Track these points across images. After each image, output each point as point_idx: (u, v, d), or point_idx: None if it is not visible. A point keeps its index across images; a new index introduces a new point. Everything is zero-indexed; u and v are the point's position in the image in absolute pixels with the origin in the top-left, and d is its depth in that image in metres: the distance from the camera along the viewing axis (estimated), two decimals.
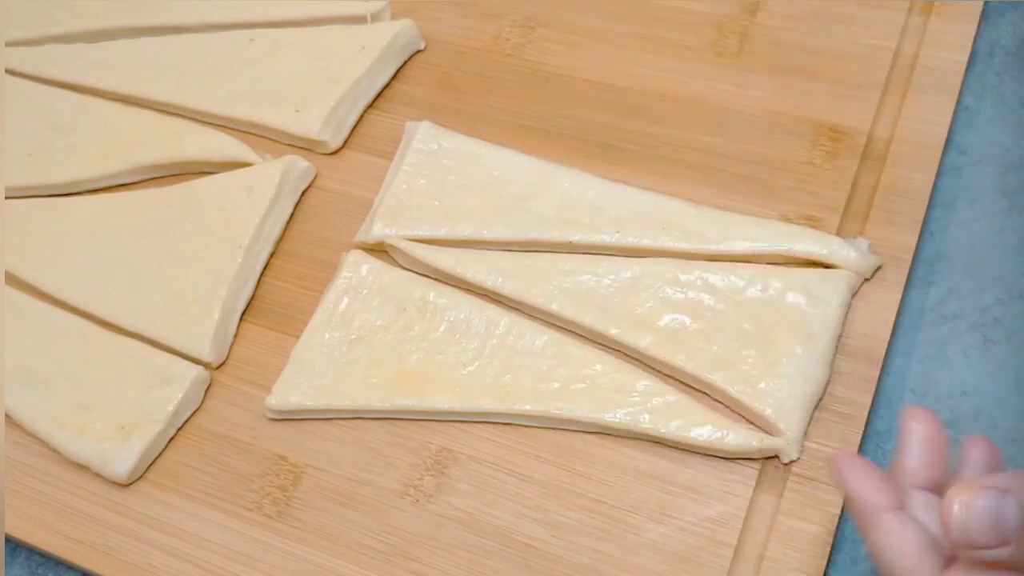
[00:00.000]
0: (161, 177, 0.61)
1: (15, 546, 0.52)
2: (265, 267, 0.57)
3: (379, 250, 0.55)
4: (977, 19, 0.57)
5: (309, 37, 0.63)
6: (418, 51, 0.63)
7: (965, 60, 0.56)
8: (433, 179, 0.56)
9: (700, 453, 0.47)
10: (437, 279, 0.54)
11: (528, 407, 0.48)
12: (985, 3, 0.58)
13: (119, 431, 0.51)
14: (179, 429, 0.52)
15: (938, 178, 0.53)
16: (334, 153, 0.60)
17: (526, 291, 0.52)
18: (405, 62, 0.63)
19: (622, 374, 0.49)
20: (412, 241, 0.54)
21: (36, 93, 0.65)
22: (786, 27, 0.59)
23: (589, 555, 0.46)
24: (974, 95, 0.57)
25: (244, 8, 0.65)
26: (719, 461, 0.47)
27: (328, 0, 0.64)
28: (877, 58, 0.57)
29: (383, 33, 0.61)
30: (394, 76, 0.62)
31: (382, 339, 0.52)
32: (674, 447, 0.47)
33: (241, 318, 0.55)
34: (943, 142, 0.54)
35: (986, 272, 0.51)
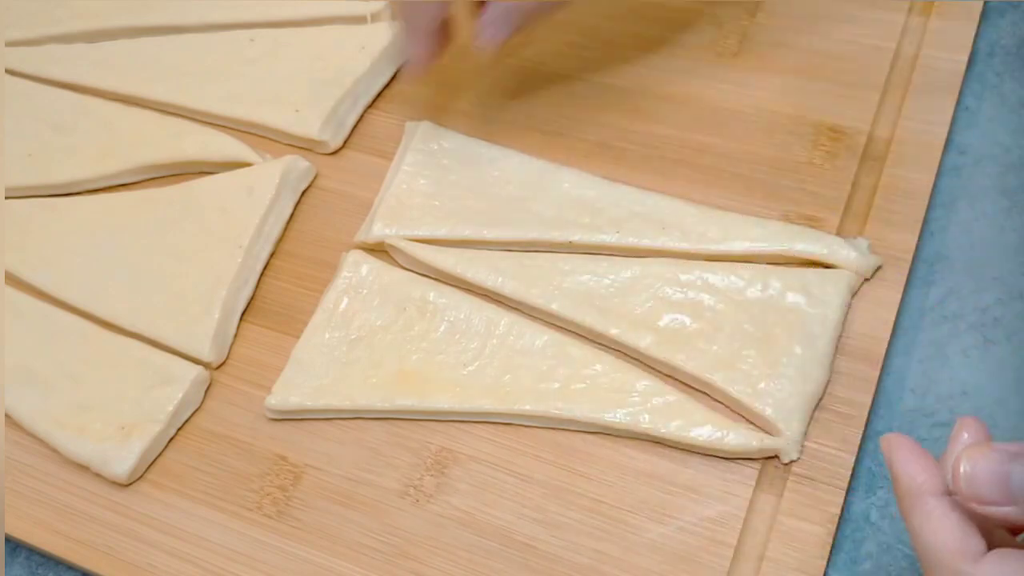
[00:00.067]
0: (161, 177, 0.61)
1: (15, 546, 0.52)
2: (265, 267, 0.57)
3: (379, 250, 0.55)
4: (977, 19, 0.57)
5: (309, 37, 0.63)
6: None
7: (965, 60, 0.56)
8: (433, 179, 0.56)
9: (700, 453, 0.47)
10: (437, 279, 0.54)
11: (528, 407, 0.48)
12: (985, 3, 0.58)
13: (119, 431, 0.51)
14: (179, 429, 0.52)
15: (938, 178, 0.53)
16: (334, 153, 0.60)
17: (526, 291, 0.52)
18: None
19: (622, 374, 0.49)
20: (412, 241, 0.54)
21: (36, 93, 0.65)
22: (786, 27, 0.59)
23: (589, 555, 0.46)
24: (974, 95, 0.57)
25: (244, 8, 0.65)
26: (719, 461, 0.47)
27: (328, 0, 0.64)
28: (877, 58, 0.57)
29: (383, 33, 0.61)
30: (394, 76, 0.62)
31: (382, 339, 0.52)
32: (674, 447, 0.47)
33: (241, 318, 0.55)
34: (943, 142, 0.54)
35: (986, 272, 0.51)
